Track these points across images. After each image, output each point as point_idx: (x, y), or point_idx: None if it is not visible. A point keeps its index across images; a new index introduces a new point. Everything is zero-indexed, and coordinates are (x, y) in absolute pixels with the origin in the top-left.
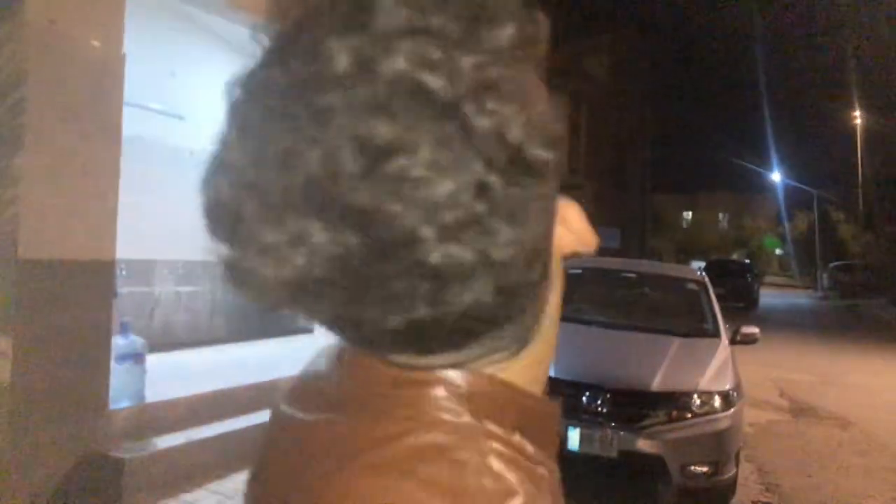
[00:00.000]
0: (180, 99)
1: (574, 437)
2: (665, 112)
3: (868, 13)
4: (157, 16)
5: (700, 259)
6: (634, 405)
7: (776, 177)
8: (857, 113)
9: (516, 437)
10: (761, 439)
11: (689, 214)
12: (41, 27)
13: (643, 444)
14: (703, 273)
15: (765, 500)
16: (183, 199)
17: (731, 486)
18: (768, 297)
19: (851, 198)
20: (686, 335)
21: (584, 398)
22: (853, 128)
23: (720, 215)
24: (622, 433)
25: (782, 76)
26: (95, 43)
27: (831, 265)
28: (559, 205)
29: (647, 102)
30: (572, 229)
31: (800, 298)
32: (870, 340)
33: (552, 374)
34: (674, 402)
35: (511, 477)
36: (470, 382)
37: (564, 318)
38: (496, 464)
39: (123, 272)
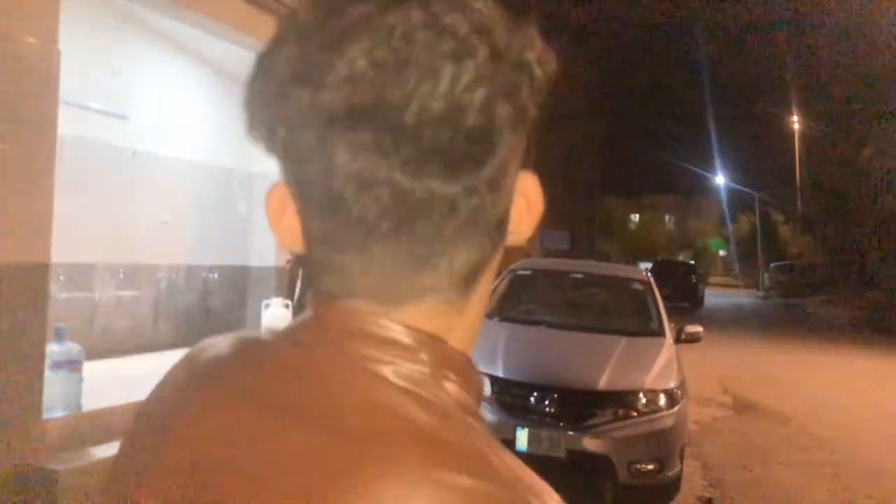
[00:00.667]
0: (123, 98)
1: (522, 438)
2: (612, 116)
3: (808, 18)
4: (98, 13)
5: (647, 260)
6: (582, 405)
7: (720, 179)
8: (795, 118)
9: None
10: (705, 436)
11: (636, 217)
12: None
13: (590, 444)
14: (649, 273)
15: (708, 495)
16: (125, 200)
17: (676, 482)
18: (713, 296)
19: (790, 200)
20: (632, 334)
21: (532, 399)
22: (792, 132)
23: (666, 217)
24: (570, 433)
25: (726, 80)
26: (29, 39)
27: (772, 265)
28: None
29: (594, 107)
30: (528, 197)
31: (742, 298)
32: (809, 338)
33: (500, 374)
34: (620, 401)
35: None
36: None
37: (513, 319)
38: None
39: (61, 277)
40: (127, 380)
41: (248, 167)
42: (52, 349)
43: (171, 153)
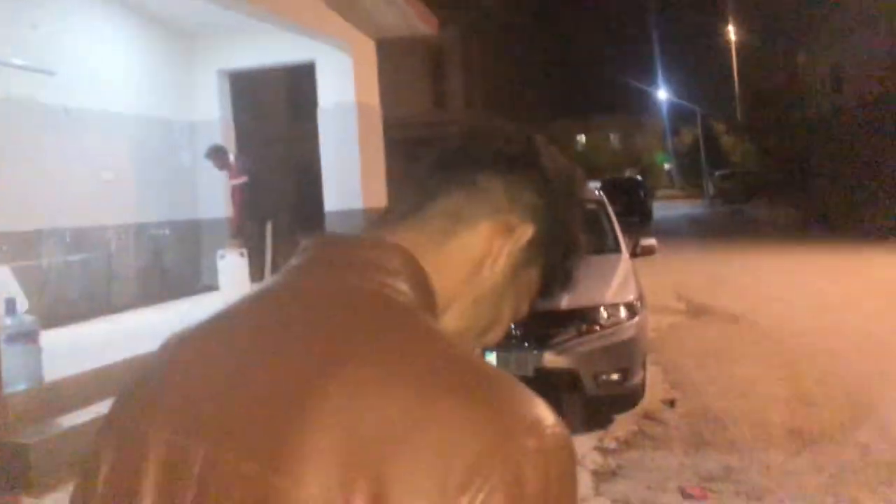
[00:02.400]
0: (47, 52)
1: (491, 361)
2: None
3: None
4: None
5: (596, 179)
6: (546, 325)
7: (662, 95)
8: (732, 28)
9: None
10: (664, 342)
11: (582, 137)
12: None
13: (557, 361)
14: (601, 192)
15: (671, 397)
16: (63, 161)
17: (641, 388)
18: (661, 209)
19: (731, 110)
20: (589, 253)
21: None
22: (729, 43)
23: (612, 136)
24: (536, 352)
25: None
26: None
27: (716, 174)
28: None
29: (540, 30)
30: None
31: (689, 208)
32: (753, 240)
33: None
34: (583, 318)
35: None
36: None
37: None
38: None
39: (4, 248)
40: (87, 346)
41: (189, 117)
42: (5, 323)
43: (107, 108)
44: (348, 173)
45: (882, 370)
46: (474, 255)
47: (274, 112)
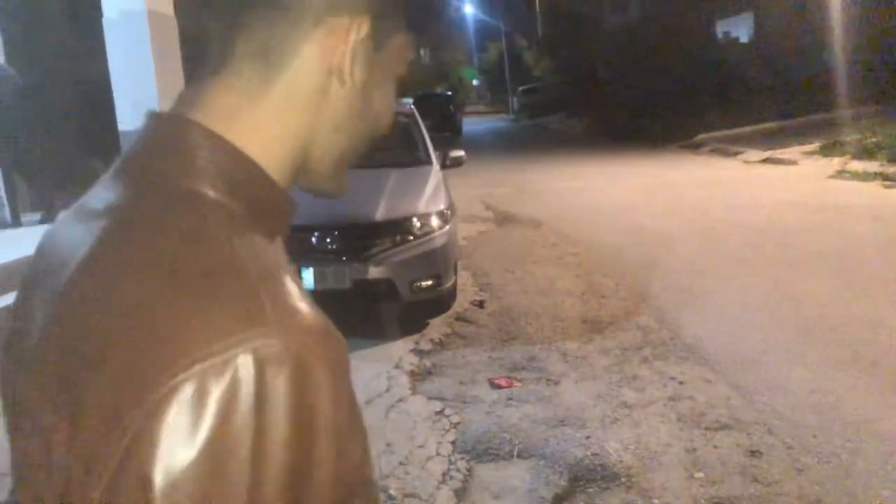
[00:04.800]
0: None
1: (308, 277)
2: None
3: None
4: None
5: (408, 96)
6: (362, 237)
7: (468, 9)
8: None
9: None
10: (473, 249)
11: None
12: None
13: (373, 272)
14: (412, 107)
15: (479, 298)
16: None
17: (453, 292)
18: (470, 124)
19: (532, 26)
20: (402, 166)
21: (314, 239)
22: None
23: (422, 52)
24: (354, 265)
25: None
26: None
27: (519, 89)
28: None
29: None
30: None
31: (496, 122)
32: (554, 151)
33: None
34: (397, 228)
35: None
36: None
37: None
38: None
39: None
40: None
41: None
42: None
43: None
44: (143, 90)
45: (656, 260)
46: (311, 84)
47: (49, 23)
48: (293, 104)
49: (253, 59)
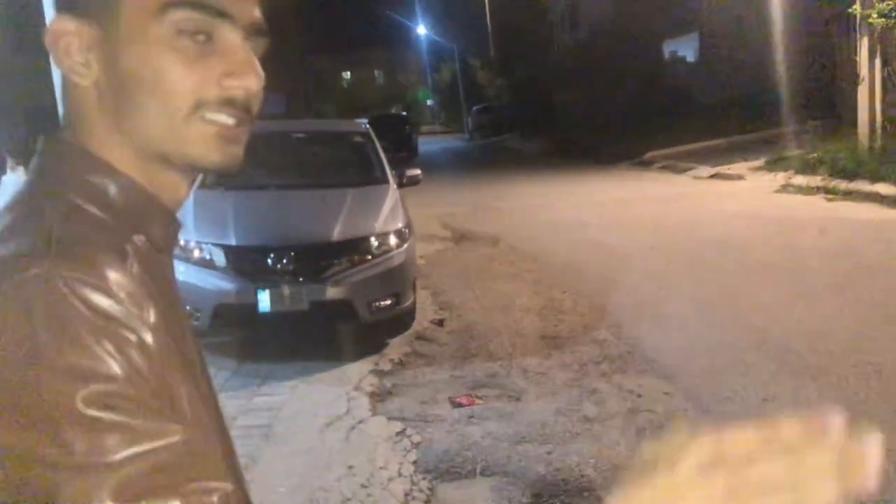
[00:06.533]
0: None
1: (265, 299)
2: None
3: None
4: None
5: (363, 116)
6: (319, 258)
7: (421, 30)
8: None
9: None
10: (432, 267)
11: (347, 74)
12: None
13: (331, 292)
14: (367, 126)
15: (439, 317)
16: None
17: (412, 311)
18: (425, 144)
19: (485, 47)
20: (358, 185)
21: (269, 261)
22: None
23: (376, 72)
24: (311, 286)
25: None
26: None
27: (473, 109)
28: None
29: None
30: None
31: (451, 142)
32: (509, 169)
33: (234, 242)
34: (355, 248)
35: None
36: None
37: (239, 187)
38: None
39: None
40: None
41: None
42: None
43: None
44: None
45: (613, 275)
46: (75, 92)
47: None
48: (84, 111)
49: None
